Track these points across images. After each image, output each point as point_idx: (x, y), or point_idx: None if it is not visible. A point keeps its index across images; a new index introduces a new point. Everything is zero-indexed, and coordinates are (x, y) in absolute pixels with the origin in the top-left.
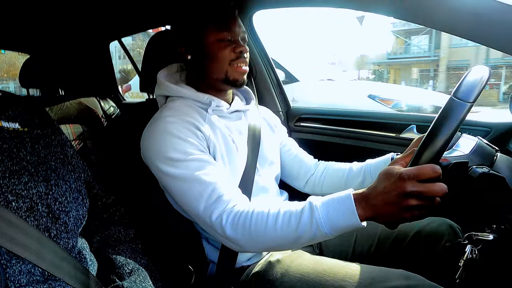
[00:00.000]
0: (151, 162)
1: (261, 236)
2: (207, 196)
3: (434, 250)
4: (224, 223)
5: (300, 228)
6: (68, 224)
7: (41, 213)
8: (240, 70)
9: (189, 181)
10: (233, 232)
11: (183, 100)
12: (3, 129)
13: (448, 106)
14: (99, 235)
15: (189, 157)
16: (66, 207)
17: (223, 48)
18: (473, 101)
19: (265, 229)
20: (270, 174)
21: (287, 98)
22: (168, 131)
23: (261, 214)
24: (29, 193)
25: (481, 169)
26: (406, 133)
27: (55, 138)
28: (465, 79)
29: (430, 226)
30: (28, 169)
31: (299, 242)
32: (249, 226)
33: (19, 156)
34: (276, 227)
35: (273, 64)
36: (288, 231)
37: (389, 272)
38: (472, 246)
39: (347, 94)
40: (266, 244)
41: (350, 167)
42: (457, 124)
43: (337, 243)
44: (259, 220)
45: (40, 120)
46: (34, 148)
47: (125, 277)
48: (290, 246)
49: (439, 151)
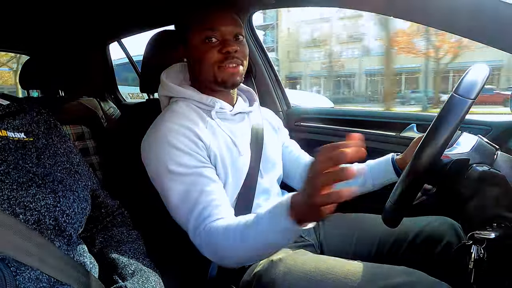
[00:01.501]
0: (149, 168)
1: (227, 252)
2: (197, 214)
3: (435, 249)
4: (199, 243)
5: (257, 238)
6: (72, 237)
7: (47, 226)
8: (228, 71)
9: (181, 197)
10: (206, 251)
11: (186, 101)
12: (9, 139)
13: (450, 103)
14: (102, 236)
15: (188, 171)
16: (72, 219)
17: (209, 49)
18: (474, 98)
19: (228, 246)
20: (273, 176)
21: (287, 98)
22: (169, 141)
23: (227, 230)
24: (37, 206)
25: (481, 167)
26: (406, 132)
27: (60, 146)
28: (466, 76)
29: (431, 225)
30: (36, 181)
31: (263, 250)
32: (216, 245)
33: (25, 168)
34: (236, 243)
35: (272, 64)
36: (251, 242)
37: (391, 269)
38: (477, 246)
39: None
40: (237, 258)
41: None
42: (459, 120)
43: (339, 242)
44: (223, 237)
45: (46, 128)
46: (39, 159)
47: (128, 278)
48: (263, 254)
49: (440, 148)
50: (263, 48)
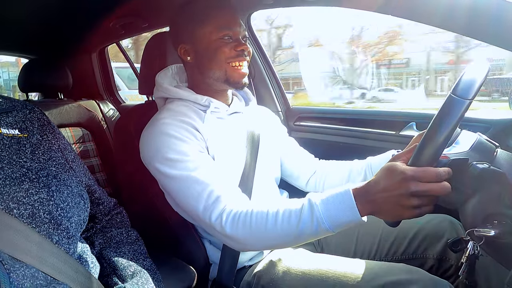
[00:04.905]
0: (150, 164)
1: (261, 234)
2: (206, 196)
3: (435, 247)
4: (224, 223)
5: (301, 225)
6: (69, 230)
7: (42, 220)
8: (240, 72)
9: (188, 181)
10: (233, 230)
11: (181, 102)
12: (3, 135)
13: (447, 104)
14: (101, 237)
15: (187, 158)
16: (68, 212)
17: (223, 46)
18: (472, 98)
19: (265, 227)
20: (270, 174)
21: (286, 97)
22: (165, 132)
23: (261, 212)
24: (30, 200)
25: (481, 165)
26: (406, 131)
27: (55, 142)
28: (463, 76)
29: (431, 222)
30: (29, 176)
31: (300, 239)
32: (250, 224)
33: (19, 163)
34: (277, 225)
35: (271, 64)
36: (288, 228)
37: (391, 267)
38: (474, 242)
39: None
40: (267, 242)
41: (351, 166)
42: (456, 121)
43: (339, 241)
44: (259, 218)
45: (40, 125)
46: (34, 154)
47: (128, 279)
48: (291, 243)
49: (439, 149)
50: (261, 48)
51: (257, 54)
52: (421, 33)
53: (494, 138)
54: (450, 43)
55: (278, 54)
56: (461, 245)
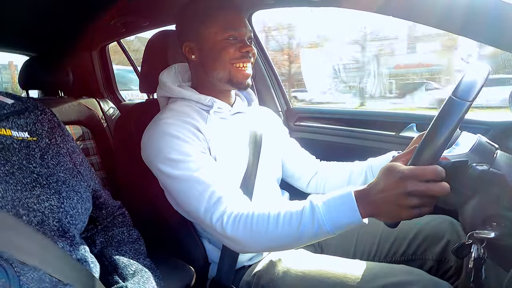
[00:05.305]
0: (152, 163)
1: (262, 236)
2: (207, 197)
3: (435, 248)
4: (224, 225)
5: (302, 227)
6: (75, 237)
7: (51, 227)
8: (244, 73)
9: (189, 182)
10: (234, 232)
11: (184, 101)
12: (13, 139)
13: (447, 106)
14: (103, 236)
15: (190, 158)
16: (76, 220)
17: (228, 47)
18: (472, 100)
19: (266, 229)
20: (272, 175)
21: (286, 97)
22: (168, 132)
23: (262, 214)
24: (41, 207)
25: (481, 167)
26: (406, 132)
27: (63, 146)
28: (464, 78)
29: (431, 223)
30: (40, 182)
31: (301, 241)
32: (250, 226)
33: (29, 168)
34: (278, 227)
35: (272, 64)
36: (289, 230)
37: (391, 268)
38: (477, 245)
39: None
40: (268, 243)
41: (352, 167)
42: (456, 123)
43: (339, 242)
44: (260, 220)
45: (50, 128)
46: (43, 159)
47: (129, 278)
48: (292, 245)
49: (438, 150)
50: (262, 48)
51: (258, 54)
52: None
53: (494, 140)
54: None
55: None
56: (465, 250)
